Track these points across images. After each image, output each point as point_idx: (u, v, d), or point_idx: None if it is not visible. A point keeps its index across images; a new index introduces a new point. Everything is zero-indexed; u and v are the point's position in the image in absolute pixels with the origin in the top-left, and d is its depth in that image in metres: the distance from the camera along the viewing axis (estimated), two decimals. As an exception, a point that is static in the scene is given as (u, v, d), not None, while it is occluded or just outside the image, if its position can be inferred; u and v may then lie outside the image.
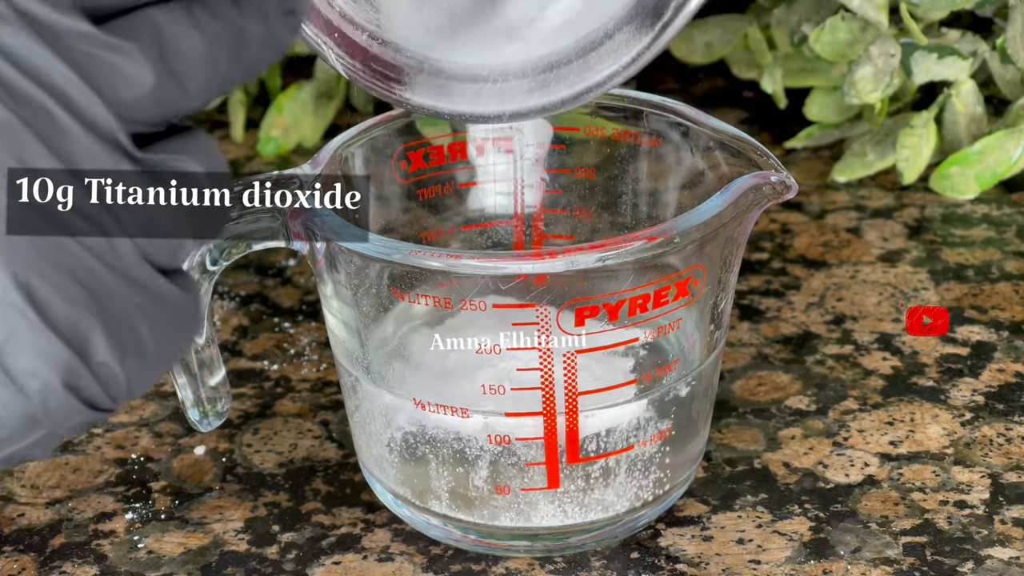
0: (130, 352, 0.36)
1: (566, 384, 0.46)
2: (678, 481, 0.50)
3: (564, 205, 0.54)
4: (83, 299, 0.35)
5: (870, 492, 0.52)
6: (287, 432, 0.56)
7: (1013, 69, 0.68)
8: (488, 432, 0.47)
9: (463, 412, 0.47)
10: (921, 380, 0.57)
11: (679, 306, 0.47)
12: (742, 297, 0.62)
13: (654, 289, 0.46)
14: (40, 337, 0.34)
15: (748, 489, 0.52)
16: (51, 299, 0.34)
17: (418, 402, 0.48)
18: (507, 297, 0.45)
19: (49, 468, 0.55)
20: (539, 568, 0.49)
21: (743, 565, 0.49)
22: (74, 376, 0.35)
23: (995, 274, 0.63)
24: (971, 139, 0.69)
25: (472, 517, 0.49)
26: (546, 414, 0.47)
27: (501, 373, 0.47)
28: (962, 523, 0.50)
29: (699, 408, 0.50)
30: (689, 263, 0.46)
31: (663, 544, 0.50)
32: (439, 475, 0.49)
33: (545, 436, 0.47)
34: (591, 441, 0.48)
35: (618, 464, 0.48)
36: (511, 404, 0.47)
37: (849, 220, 0.67)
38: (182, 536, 0.51)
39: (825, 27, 0.67)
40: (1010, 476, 0.52)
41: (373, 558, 0.50)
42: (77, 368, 0.35)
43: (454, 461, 0.48)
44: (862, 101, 0.67)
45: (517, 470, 0.48)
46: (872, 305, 0.61)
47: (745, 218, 0.47)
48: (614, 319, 0.46)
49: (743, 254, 0.49)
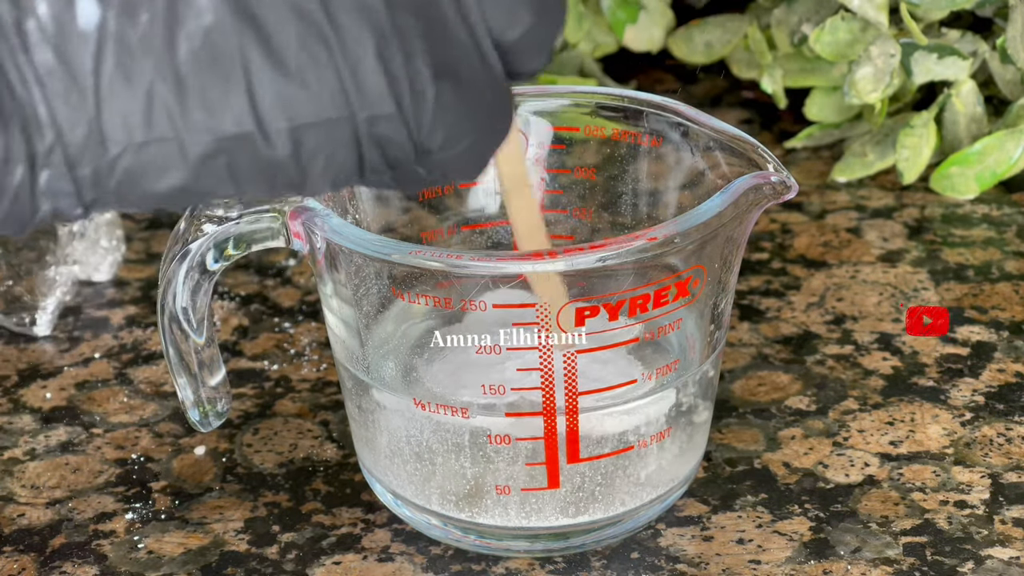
0: (448, 77, 0.34)
1: (566, 384, 0.46)
2: (678, 481, 0.50)
3: (564, 205, 0.54)
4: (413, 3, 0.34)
5: (870, 492, 0.52)
6: (287, 432, 0.56)
7: (1013, 69, 0.68)
8: (488, 432, 0.47)
9: (463, 412, 0.47)
10: (921, 380, 0.57)
11: (679, 306, 0.47)
12: (742, 297, 0.62)
13: (654, 289, 0.46)
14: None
15: (748, 489, 0.52)
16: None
17: (418, 402, 0.48)
18: (507, 297, 0.45)
19: (49, 468, 0.55)
20: (539, 568, 0.49)
21: (743, 565, 0.49)
22: (385, 57, 0.33)
23: (995, 274, 0.63)
24: (971, 139, 0.69)
25: (472, 517, 0.49)
26: (546, 414, 0.47)
27: (501, 373, 0.47)
28: (962, 523, 0.50)
29: (699, 408, 0.50)
30: (689, 263, 0.46)
31: (663, 544, 0.50)
32: (439, 475, 0.49)
33: (545, 436, 0.47)
34: (591, 441, 0.48)
35: (618, 464, 0.48)
36: (511, 404, 0.47)
37: (849, 220, 0.67)
38: (182, 536, 0.51)
39: (825, 27, 0.67)
40: (1010, 476, 0.52)
41: (373, 558, 0.50)
42: (389, 53, 0.33)
43: (454, 461, 0.48)
44: (862, 101, 0.67)
45: (517, 470, 0.48)
46: (872, 305, 0.61)
47: (745, 218, 0.47)
48: (614, 319, 0.46)
49: (743, 254, 0.49)
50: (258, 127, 0.34)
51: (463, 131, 0.35)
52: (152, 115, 0.34)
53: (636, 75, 0.79)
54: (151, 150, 0.34)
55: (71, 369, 0.60)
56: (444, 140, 0.35)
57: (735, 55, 0.75)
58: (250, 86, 0.34)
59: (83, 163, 0.34)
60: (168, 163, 0.34)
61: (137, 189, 0.34)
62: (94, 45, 0.33)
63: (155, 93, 0.33)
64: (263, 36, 0.33)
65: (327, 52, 0.34)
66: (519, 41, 0.35)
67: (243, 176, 0.35)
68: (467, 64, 0.35)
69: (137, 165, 0.34)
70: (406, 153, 0.35)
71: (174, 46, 0.33)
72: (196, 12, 0.33)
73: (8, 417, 0.57)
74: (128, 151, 0.34)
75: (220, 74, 0.33)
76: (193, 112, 0.34)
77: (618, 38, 0.75)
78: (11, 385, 0.59)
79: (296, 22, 0.33)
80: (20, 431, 0.57)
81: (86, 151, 0.34)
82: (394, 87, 0.34)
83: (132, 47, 0.33)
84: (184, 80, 0.33)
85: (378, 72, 0.34)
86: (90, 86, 0.33)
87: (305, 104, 0.34)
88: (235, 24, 0.33)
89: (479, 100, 0.35)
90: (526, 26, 0.35)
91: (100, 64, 0.33)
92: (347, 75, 0.34)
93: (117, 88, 0.33)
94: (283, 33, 0.33)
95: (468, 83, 0.35)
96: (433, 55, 0.34)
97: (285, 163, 0.35)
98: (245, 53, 0.33)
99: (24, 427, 0.57)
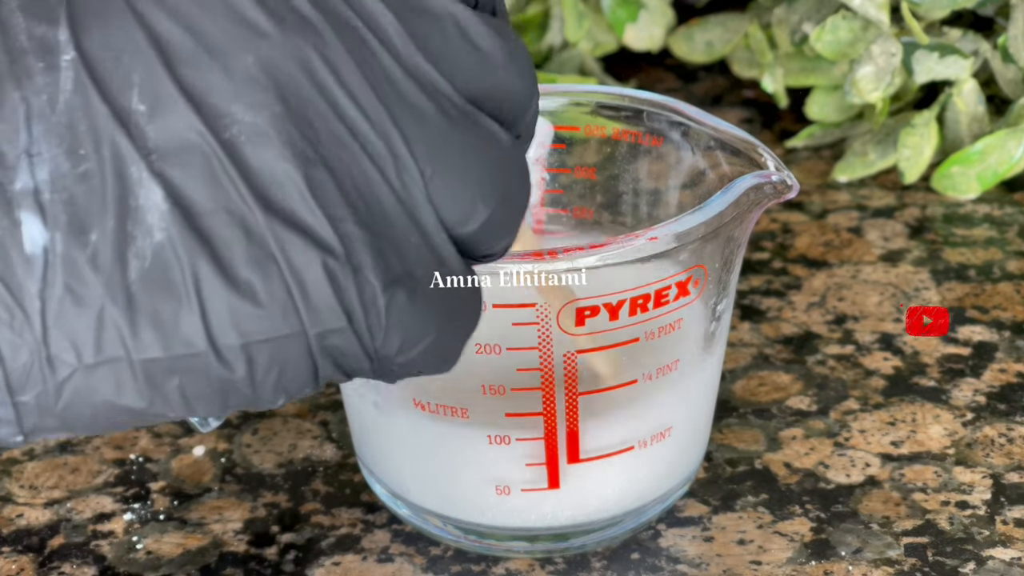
0: (400, 284, 0.34)
1: (567, 384, 0.46)
2: (679, 481, 0.50)
3: (564, 204, 0.54)
4: (356, 206, 0.33)
5: (871, 492, 0.52)
6: (286, 432, 0.56)
7: (1014, 68, 0.68)
8: (488, 432, 0.47)
9: (463, 412, 0.47)
10: (922, 380, 0.57)
11: (680, 306, 0.46)
12: (743, 297, 0.62)
13: (655, 289, 0.45)
14: (308, 214, 0.33)
15: (749, 489, 0.52)
16: (326, 184, 0.33)
17: (417, 402, 0.47)
18: (507, 296, 0.45)
19: (48, 468, 0.55)
20: (539, 568, 0.49)
21: (744, 566, 0.49)
22: (332, 272, 0.33)
23: (997, 274, 0.63)
24: (972, 138, 0.69)
25: (472, 517, 0.49)
26: (546, 415, 0.47)
27: (501, 373, 0.47)
28: (964, 524, 0.50)
29: (700, 408, 0.50)
30: (690, 263, 0.46)
31: (664, 545, 0.50)
32: (439, 475, 0.49)
33: (545, 436, 0.47)
34: (592, 441, 0.47)
35: (619, 464, 0.48)
36: (511, 404, 0.47)
37: (850, 220, 0.67)
38: (181, 537, 0.51)
39: (826, 26, 0.66)
40: (1012, 476, 0.52)
41: (373, 558, 0.50)
42: (337, 267, 0.33)
43: (454, 461, 0.48)
44: (863, 100, 0.67)
45: (517, 470, 0.48)
46: (873, 305, 0.61)
47: (746, 217, 0.47)
48: (614, 319, 0.45)
49: (744, 254, 0.49)
50: (211, 345, 0.33)
51: (421, 333, 0.35)
52: (102, 336, 0.33)
53: (636, 74, 0.79)
54: (101, 372, 0.33)
55: (70, 369, 0.60)
56: (401, 345, 0.35)
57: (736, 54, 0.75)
58: (202, 303, 0.33)
59: (26, 389, 0.33)
60: (119, 384, 0.33)
61: (84, 412, 0.33)
62: (40, 268, 0.32)
63: (105, 314, 0.33)
64: (213, 253, 0.33)
65: (276, 268, 0.33)
66: (478, 232, 0.35)
67: (195, 395, 0.34)
68: (420, 266, 0.34)
69: (86, 387, 0.33)
70: (360, 362, 0.35)
71: (125, 265, 0.33)
72: (146, 230, 0.33)
73: (7, 417, 0.57)
74: (77, 374, 0.33)
75: (172, 293, 0.33)
76: (144, 332, 0.33)
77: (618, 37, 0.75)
78: (10, 385, 0.59)
79: (244, 239, 0.33)
80: (19, 431, 0.57)
81: (30, 376, 0.33)
82: (343, 301, 0.34)
83: (80, 268, 0.32)
84: (135, 299, 0.33)
85: (325, 287, 0.33)
86: (35, 310, 0.32)
87: (257, 320, 0.33)
88: (185, 241, 0.33)
89: (437, 301, 0.35)
90: (483, 217, 0.35)
91: (46, 287, 0.32)
92: (296, 292, 0.33)
93: (65, 310, 0.32)
94: (231, 250, 0.33)
95: (422, 285, 0.34)
96: (384, 263, 0.34)
97: (238, 380, 0.34)
98: (196, 271, 0.33)
99: (23, 427, 0.57)
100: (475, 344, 0.46)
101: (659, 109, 0.51)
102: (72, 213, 0.32)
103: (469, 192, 0.34)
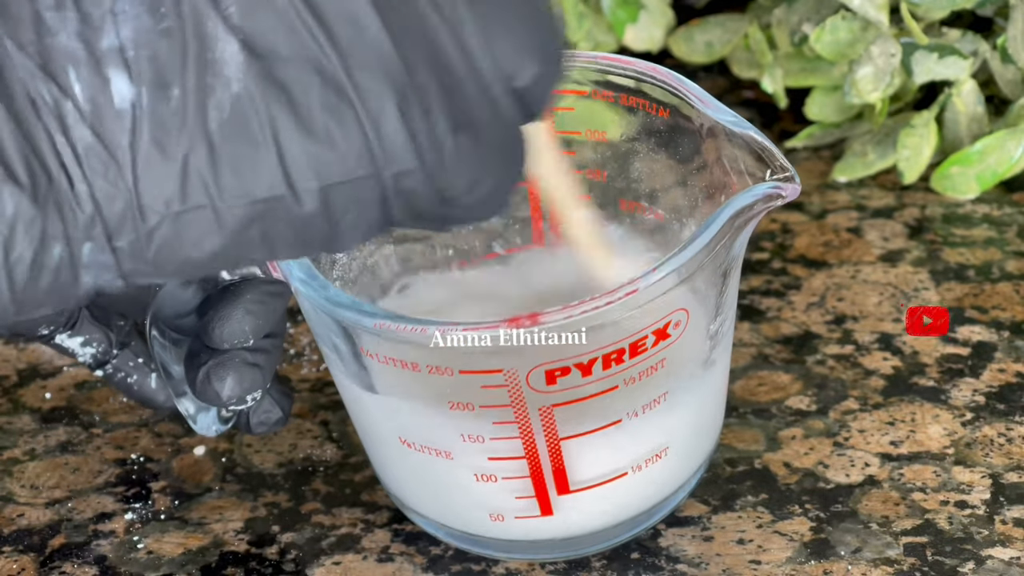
0: (465, 129, 0.35)
1: (546, 432, 0.45)
2: (679, 488, 0.50)
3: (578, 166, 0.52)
4: (426, 53, 0.35)
5: (871, 492, 0.52)
6: (287, 432, 0.56)
7: (1014, 69, 0.68)
8: (474, 472, 0.47)
9: (447, 454, 0.46)
10: (922, 380, 0.57)
11: (660, 349, 0.45)
12: (742, 297, 0.62)
13: (628, 343, 0.44)
14: (384, 57, 0.34)
15: (748, 489, 0.52)
16: (399, 30, 0.35)
17: (403, 440, 0.47)
18: (472, 362, 0.43)
19: (49, 468, 0.55)
20: (539, 568, 0.49)
21: (743, 565, 0.49)
22: (407, 115, 0.35)
23: (996, 274, 0.63)
24: (972, 139, 0.68)
25: (470, 530, 0.49)
26: (529, 458, 0.46)
27: (478, 425, 0.45)
28: (963, 523, 0.50)
29: (702, 421, 0.49)
30: (669, 309, 0.44)
31: (663, 544, 0.50)
32: (434, 499, 0.48)
33: (531, 475, 0.46)
34: (581, 474, 0.47)
35: (613, 488, 0.47)
36: (492, 450, 0.46)
37: (850, 220, 0.67)
38: (182, 536, 0.51)
39: (825, 27, 0.66)
40: (1011, 476, 0.52)
41: (373, 558, 0.50)
42: (410, 110, 0.35)
43: (446, 492, 0.48)
44: (863, 101, 0.67)
45: (508, 501, 0.47)
46: (873, 305, 0.61)
47: (733, 243, 0.45)
48: (587, 375, 0.44)
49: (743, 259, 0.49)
50: (289, 189, 0.35)
51: (482, 177, 0.36)
52: (187, 185, 0.35)
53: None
54: (187, 218, 0.35)
55: (71, 369, 0.60)
56: (465, 187, 0.36)
57: (735, 55, 0.75)
58: (280, 150, 0.35)
59: (122, 235, 0.35)
60: (204, 230, 0.35)
61: (174, 257, 0.35)
62: (129, 122, 0.34)
63: (189, 163, 0.34)
64: (290, 100, 0.35)
65: (351, 112, 0.35)
66: (529, 87, 0.36)
67: (276, 238, 0.36)
68: (481, 114, 0.36)
69: (174, 234, 0.35)
70: (431, 203, 0.36)
71: (205, 117, 0.34)
72: (224, 82, 0.34)
73: (8, 417, 0.57)
74: (165, 221, 0.35)
75: (250, 140, 0.35)
76: (226, 179, 0.35)
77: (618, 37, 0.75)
78: (11, 385, 0.59)
79: (320, 85, 0.35)
80: (20, 431, 0.57)
81: (124, 223, 0.35)
82: (416, 142, 0.35)
83: (165, 121, 0.34)
84: (216, 149, 0.35)
85: (400, 129, 0.35)
86: (127, 161, 0.34)
87: (333, 164, 0.35)
88: (262, 91, 0.34)
89: (495, 146, 0.36)
90: (533, 72, 0.36)
91: (136, 139, 0.34)
92: (371, 134, 0.35)
93: (153, 161, 0.34)
94: (308, 96, 0.35)
95: (484, 132, 0.36)
96: (450, 109, 0.35)
97: (316, 222, 0.36)
98: (273, 118, 0.35)
99: (24, 427, 0.57)
100: (448, 401, 0.45)
101: (663, 83, 0.49)
102: (155, 69, 0.34)
103: (522, 46, 0.36)
